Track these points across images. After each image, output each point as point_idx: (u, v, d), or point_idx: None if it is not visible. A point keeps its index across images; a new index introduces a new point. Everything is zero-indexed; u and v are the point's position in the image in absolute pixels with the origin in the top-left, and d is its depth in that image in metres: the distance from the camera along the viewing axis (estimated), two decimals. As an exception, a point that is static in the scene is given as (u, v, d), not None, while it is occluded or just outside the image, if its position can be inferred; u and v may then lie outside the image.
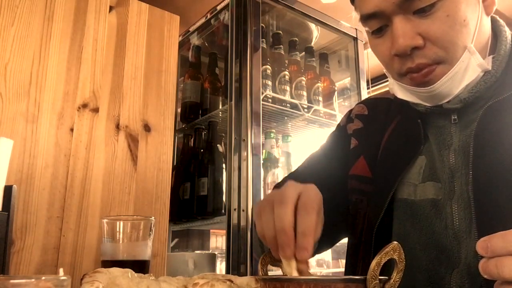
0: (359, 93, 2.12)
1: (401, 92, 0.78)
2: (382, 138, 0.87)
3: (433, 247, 0.72)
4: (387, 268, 0.43)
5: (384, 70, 0.79)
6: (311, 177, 0.86)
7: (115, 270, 0.50)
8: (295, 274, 0.54)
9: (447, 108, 0.75)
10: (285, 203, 0.59)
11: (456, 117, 0.76)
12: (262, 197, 1.64)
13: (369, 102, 0.99)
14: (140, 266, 0.74)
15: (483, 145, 0.70)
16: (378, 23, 0.72)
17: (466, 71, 0.70)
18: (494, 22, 0.78)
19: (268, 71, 1.81)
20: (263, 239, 0.61)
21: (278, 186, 0.85)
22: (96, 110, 1.31)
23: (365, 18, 0.73)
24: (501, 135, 0.69)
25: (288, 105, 1.84)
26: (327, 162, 0.93)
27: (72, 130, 1.25)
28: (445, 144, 0.77)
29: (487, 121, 0.71)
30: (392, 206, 0.79)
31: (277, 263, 0.59)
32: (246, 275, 1.45)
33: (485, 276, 0.40)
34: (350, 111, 0.99)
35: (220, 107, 1.90)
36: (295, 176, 0.86)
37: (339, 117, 1.69)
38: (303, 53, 2.07)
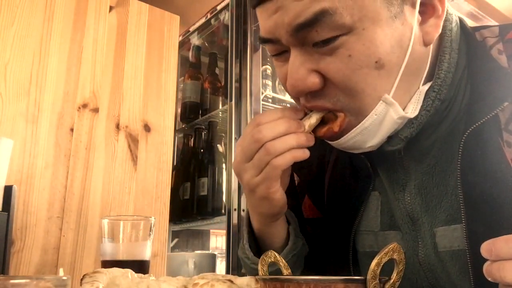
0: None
1: None
2: (325, 171, 0.75)
3: None
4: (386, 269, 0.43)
5: None
6: None
7: (115, 270, 0.50)
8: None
9: (389, 150, 0.62)
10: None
11: (402, 152, 0.64)
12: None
13: None
14: (140, 266, 0.74)
15: (473, 190, 0.56)
16: (276, 49, 0.60)
17: (382, 124, 0.57)
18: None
19: (268, 71, 1.81)
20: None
21: None
22: (96, 110, 1.31)
23: (262, 41, 0.60)
24: (488, 173, 0.55)
25: (288, 105, 1.84)
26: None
27: (72, 130, 1.25)
28: (398, 183, 0.65)
29: (470, 161, 0.57)
30: (357, 259, 0.68)
31: None
32: (246, 275, 1.45)
33: (489, 279, 0.40)
34: None
35: (220, 107, 1.90)
36: None
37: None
38: (303, 53, 2.07)
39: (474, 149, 0.56)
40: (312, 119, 0.59)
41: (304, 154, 0.59)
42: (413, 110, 0.58)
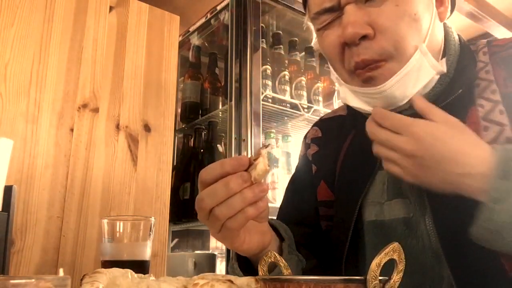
0: (359, 93, 2.12)
1: (353, 99, 0.71)
2: (339, 157, 0.83)
3: (415, 270, 0.67)
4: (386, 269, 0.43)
5: (335, 76, 0.74)
6: (290, 216, 0.84)
7: (115, 271, 0.50)
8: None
9: (407, 115, 0.68)
10: None
11: None
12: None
13: (322, 124, 0.94)
14: (140, 266, 0.74)
15: None
16: (330, 16, 0.70)
17: (420, 71, 0.66)
18: (444, 28, 0.75)
19: (268, 71, 1.80)
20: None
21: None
22: (96, 110, 1.31)
23: (321, 13, 0.70)
24: None
25: (288, 105, 1.84)
26: (300, 196, 0.88)
27: (72, 130, 1.25)
28: None
29: None
30: (363, 231, 0.75)
31: None
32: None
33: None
34: (306, 136, 0.95)
35: (220, 107, 1.90)
36: (279, 216, 0.87)
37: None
38: (303, 53, 2.06)
39: None
40: (260, 166, 0.56)
41: (257, 210, 0.56)
42: (441, 66, 0.68)
